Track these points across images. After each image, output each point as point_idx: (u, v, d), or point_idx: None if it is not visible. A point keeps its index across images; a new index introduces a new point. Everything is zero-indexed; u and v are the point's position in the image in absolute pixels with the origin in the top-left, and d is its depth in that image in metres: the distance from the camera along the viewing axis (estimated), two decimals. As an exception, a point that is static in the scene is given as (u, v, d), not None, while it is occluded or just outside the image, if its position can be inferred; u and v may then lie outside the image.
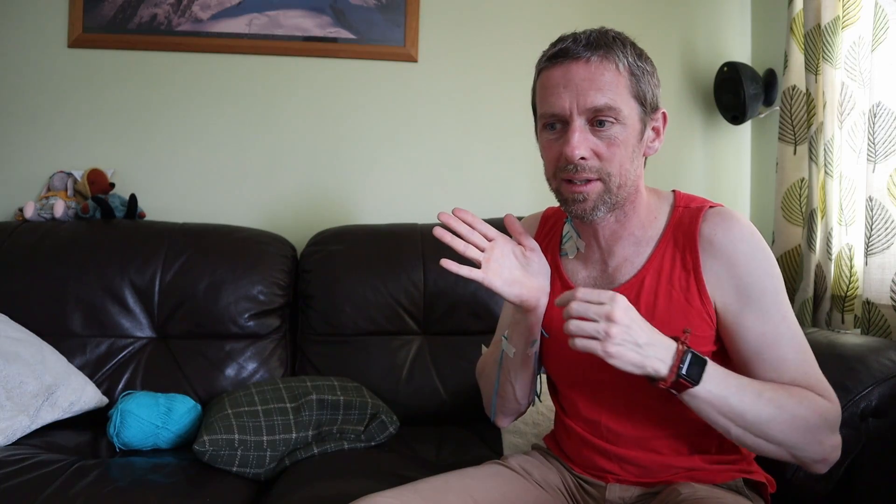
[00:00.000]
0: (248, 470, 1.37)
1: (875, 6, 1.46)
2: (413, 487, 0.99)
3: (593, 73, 0.91)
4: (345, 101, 2.08)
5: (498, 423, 1.20)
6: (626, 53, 0.93)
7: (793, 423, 0.88)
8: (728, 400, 0.87)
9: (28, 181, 1.98)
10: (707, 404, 0.87)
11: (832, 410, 0.91)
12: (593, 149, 0.92)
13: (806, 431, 0.89)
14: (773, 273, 0.95)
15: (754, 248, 0.94)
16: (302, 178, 2.07)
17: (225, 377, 1.68)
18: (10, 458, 1.29)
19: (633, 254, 1.01)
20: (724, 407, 0.87)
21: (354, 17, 2.06)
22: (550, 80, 0.94)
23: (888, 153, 1.45)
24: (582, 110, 0.91)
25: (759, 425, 0.87)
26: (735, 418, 0.87)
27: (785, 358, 0.93)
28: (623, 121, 0.92)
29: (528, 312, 1.02)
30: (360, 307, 1.74)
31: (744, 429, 0.88)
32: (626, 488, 1.02)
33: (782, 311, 0.94)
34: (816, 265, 1.64)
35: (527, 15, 2.11)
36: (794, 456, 0.90)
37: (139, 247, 1.74)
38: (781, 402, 0.88)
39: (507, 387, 1.11)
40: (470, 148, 2.09)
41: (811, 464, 0.92)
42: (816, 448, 0.90)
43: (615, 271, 1.02)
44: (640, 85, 0.94)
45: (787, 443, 0.89)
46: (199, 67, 2.04)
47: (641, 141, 0.96)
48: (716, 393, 0.86)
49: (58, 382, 1.50)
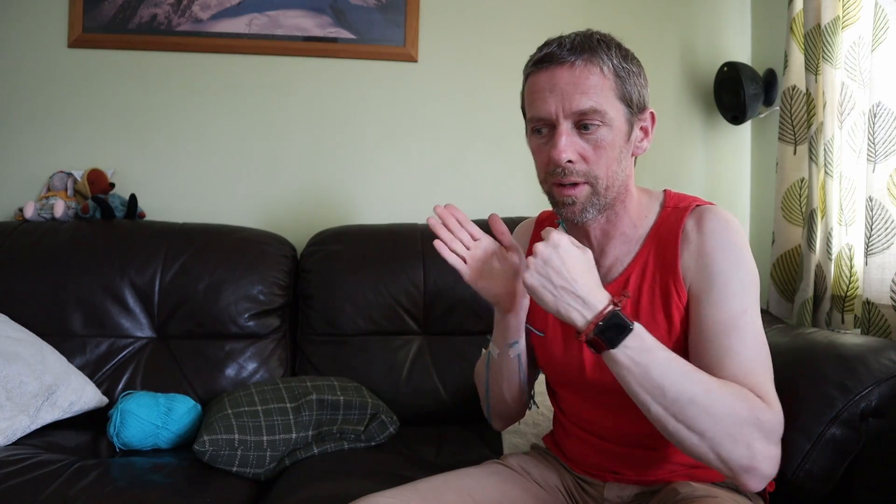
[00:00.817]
0: (248, 470, 1.37)
1: (875, 6, 1.46)
2: (413, 487, 0.99)
3: (578, 77, 0.91)
4: (345, 101, 2.08)
5: (494, 427, 1.21)
6: (610, 56, 0.93)
7: (717, 412, 0.82)
8: (649, 370, 0.83)
9: (28, 181, 1.98)
10: (626, 371, 0.83)
11: (768, 414, 0.84)
12: (580, 152, 0.93)
13: (731, 425, 0.82)
14: (742, 267, 0.93)
15: (727, 240, 0.94)
16: (302, 178, 2.07)
17: (225, 377, 1.68)
18: (10, 458, 1.29)
19: (623, 253, 1.02)
20: (644, 377, 0.83)
21: (354, 17, 2.06)
22: (536, 84, 0.95)
23: (888, 153, 1.44)
24: (568, 114, 0.92)
25: (679, 405, 0.82)
26: (654, 392, 0.83)
27: (732, 349, 0.88)
28: (609, 123, 0.93)
29: (507, 313, 1.03)
30: (360, 307, 1.74)
31: (663, 407, 0.83)
32: (624, 487, 1.03)
33: (744, 305, 0.91)
34: (816, 265, 1.64)
35: (527, 15, 2.11)
36: (718, 456, 0.82)
37: (139, 247, 1.74)
38: (709, 385, 0.83)
39: (496, 388, 1.11)
40: (470, 148, 2.09)
41: (738, 472, 0.83)
42: (743, 451, 0.82)
43: (607, 271, 1.03)
44: (625, 86, 0.94)
45: (708, 434, 0.82)
46: (199, 67, 2.04)
47: (629, 142, 0.96)
48: (636, 360, 0.83)
49: (58, 382, 1.51)
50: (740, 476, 0.83)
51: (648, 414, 0.85)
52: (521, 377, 1.08)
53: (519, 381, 1.09)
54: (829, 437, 1.13)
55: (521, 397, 1.12)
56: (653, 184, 1.07)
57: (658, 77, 2.13)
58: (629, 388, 0.85)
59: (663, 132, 2.13)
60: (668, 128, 2.15)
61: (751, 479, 0.83)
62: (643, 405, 0.85)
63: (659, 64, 2.14)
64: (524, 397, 1.13)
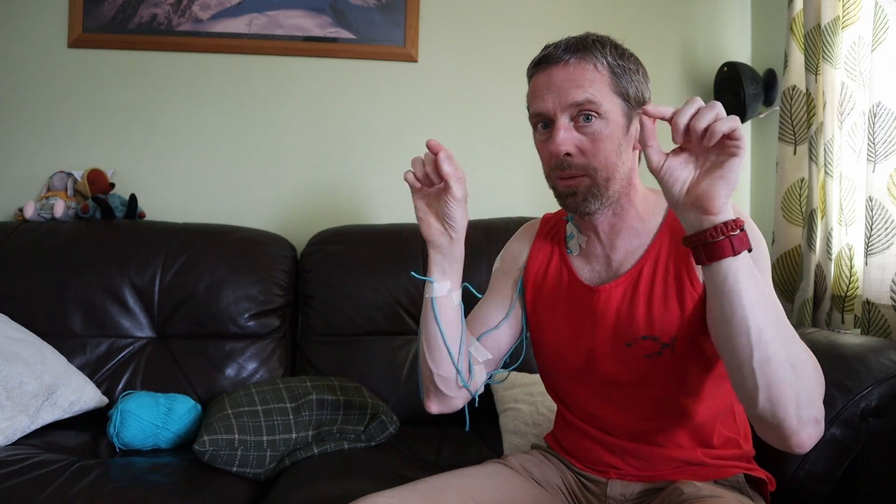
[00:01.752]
0: (248, 470, 1.37)
1: (875, 6, 1.46)
2: (413, 487, 0.99)
3: (572, 73, 0.95)
4: (345, 101, 2.08)
5: (426, 405, 1.12)
6: (605, 54, 0.96)
7: (801, 357, 0.81)
8: (759, 283, 0.81)
9: (28, 181, 1.98)
10: (745, 279, 0.80)
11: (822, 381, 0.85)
12: (578, 145, 0.96)
13: (812, 373, 0.82)
14: (765, 258, 0.95)
15: (751, 234, 0.94)
16: (302, 178, 2.07)
17: (225, 377, 1.68)
18: (10, 458, 1.29)
19: (634, 246, 1.03)
20: (754, 291, 0.80)
21: (354, 17, 2.06)
22: (536, 84, 0.99)
23: (888, 153, 1.45)
24: (564, 107, 0.95)
25: (785, 336, 0.81)
26: (768, 311, 0.81)
27: None
28: (605, 115, 0.95)
29: (433, 250, 1.04)
30: (360, 307, 1.74)
31: (772, 332, 0.80)
32: (628, 484, 1.03)
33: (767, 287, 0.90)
34: (816, 265, 1.64)
35: (527, 15, 2.11)
36: (798, 402, 0.80)
37: (139, 247, 1.74)
38: (793, 334, 0.83)
39: (422, 345, 1.06)
40: (470, 148, 2.09)
41: (790, 434, 0.81)
42: (811, 407, 0.81)
43: (619, 265, 1.03)
44: (620, 81, 0.96)
45: (804, 375, 0.80)
46: (199, 67, 2.04)
47: (628, 134, 0.98)
48: (753, 275, 0.81)
49: (58, 382, 1.51)
50: (790, 438, 0.81)
51: (749, 338, 0.80)
52: (440, 329, 1.03)
53: (438, 333, 1.03)
54: (829, 437, 1.13)
55: (444, 362, 1.05)
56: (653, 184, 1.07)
57: (658, 77, 2.12)
58: (740, 302, 0.80)
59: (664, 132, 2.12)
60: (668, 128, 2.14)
61: (802, 439, 0.81)
62: (743, 326, 0.80)
63: (659, 64, 2.14)
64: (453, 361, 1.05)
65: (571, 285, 1.07)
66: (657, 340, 0.97)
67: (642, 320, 0.98)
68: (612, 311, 1.01)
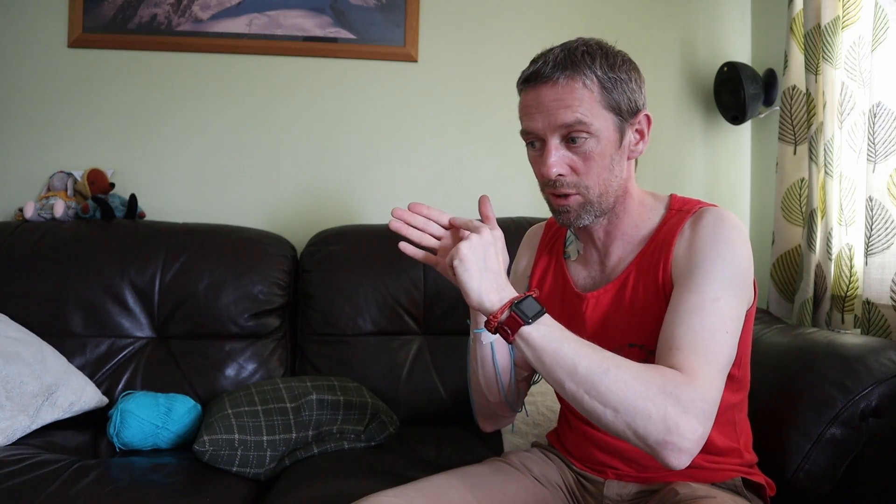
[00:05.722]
0: (248, 470, 1.37)
1: (875, 6, 1.46)
2: (415, 486, 1.00)
3: (561, 93, 0.94)
4: (345, 101, 2.08)
5: (481, 427, 1.20)
6: (594, 69, 0.94)
7: (629, 385, 0.80)
8: (562, 347, 0.83)
9: (28, 181, 1.98)
10: (540, 350, 0.84)
11: (686, 388, 0.81)
12: (569, 164, 0.96)
13: (644, 391, 0.80)
14: (726, 259, 0.93)
15: (717, 234, 0.95)
16: (302, 178, 2.07)
17: (225, 377, 1.68)
18: (10, 458, 1.29)
19: (626, 253, 1.04)
20: (557, 354, 0.83)
21: (354, 17, 2.06)
22: (526, 101, 0.99)
23: (888, 153, 1.44)
24: (554, 129, 0.95)
25: (592, 380, 0.81)
26: (568, 369, 0.82)
27: (686, 325, 0.88)
28: (596, 134, 0.94)
29: None
30: (360, 307, 1.74)
31: (576, 384, 0.82)
32: (624, 485, 1.04)
33: (718, 294, 0.90)
34: (816, 265, 1.64)
35: (527, 15, 2.11)
36: (635, 431, 0.80)
37: (139, 247, 1.74)
38: (621, 362, 0.83)
39: (475, 379, 1.11)
40: (470, 148, 2.09)
41: (655, 447, 0.80)
42: (657, 424, 0.79)
43: (611, 271, 1.05)
44: (611, 95, 0.95)
45: (621, 408, 0.80)
46: (199, 67, 2.04)
47: (621, 148, 0.98)
48: (550, 338, 0.84)
49: (58, 382, 1.51)
50: (659, 452, 0.80)
51: (563, 392, 0.84)
52: (497, 369, 1.06)
53: (495, 373, 1.07)
54: (829, 437, 1.13)
55: (499, 393, 1.09)
56: (653, 184, 1.08)
57: (658, 77, 2.13)
58: (543, 367, 0.85)
59: (664, 132, 2.13)
60: (668, 128, 2.15)
61: (669, 454, 0.80)
62: (558, 384, 0.84)
63: (659, 64, 2.14)
64: (503, 395, 1.09)
65: (565, 291, 1.09)
66: (643, 348, 0.98)
67: (627, 328, 0.99)
68: (600, 317, 1.03)
